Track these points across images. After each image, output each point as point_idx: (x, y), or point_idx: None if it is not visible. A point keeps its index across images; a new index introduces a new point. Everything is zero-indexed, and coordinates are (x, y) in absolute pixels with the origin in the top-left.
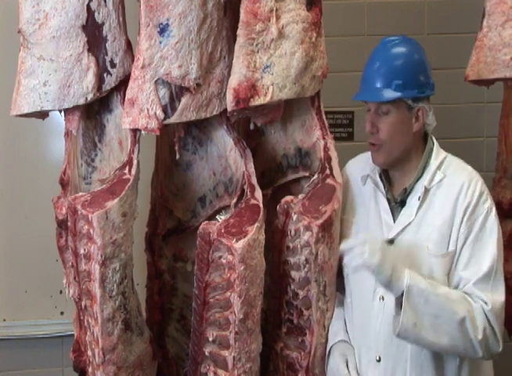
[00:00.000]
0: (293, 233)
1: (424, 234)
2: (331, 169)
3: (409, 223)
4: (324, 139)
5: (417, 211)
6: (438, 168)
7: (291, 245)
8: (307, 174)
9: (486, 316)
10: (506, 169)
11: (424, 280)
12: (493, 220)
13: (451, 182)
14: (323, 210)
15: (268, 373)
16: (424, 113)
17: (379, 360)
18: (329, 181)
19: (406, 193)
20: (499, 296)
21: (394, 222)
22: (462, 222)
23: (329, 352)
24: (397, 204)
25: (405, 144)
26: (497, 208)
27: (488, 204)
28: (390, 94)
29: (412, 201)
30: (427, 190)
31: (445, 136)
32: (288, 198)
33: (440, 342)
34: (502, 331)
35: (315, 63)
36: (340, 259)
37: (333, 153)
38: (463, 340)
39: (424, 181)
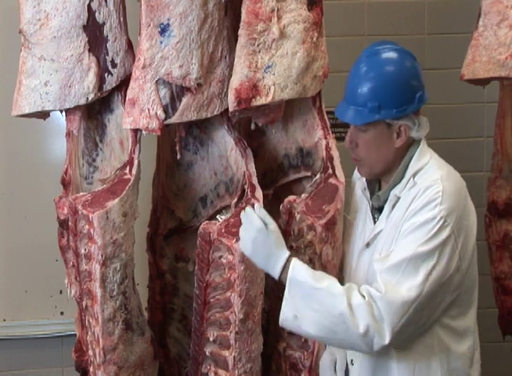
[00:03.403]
0: (296, 232)
1: (385, 242)
2: (333, 169)
3: (380, 231)
4: (326, 138)
5: (386, 220)
6: (414, 175)
7: (294, 245)
8: (309, 174)
9: (374, 306)
10: (501, 169)
11: (307, 272)
12: (430, 229)
13: (415, 189)
14: (326, 209)
15: (270, 373)
16: (407, 130)
17: (352, 363)
18: (331, 180)
19: (380, 200)
20: (404, 291)
21: None
22: (403, 226)
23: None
24: (376, 210)
25: (387, 159)
26: (492, 208)
27: (433, 213)
28: (363, 116)
29: (386, 209)
30: (398, 199)
31: (445, 136)
32: (291, 198)
33: (322, 336)
34: (397, 324)
35: (316, 62)
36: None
37: (335, 153)
38: (345, 334)
39: (396, 189)
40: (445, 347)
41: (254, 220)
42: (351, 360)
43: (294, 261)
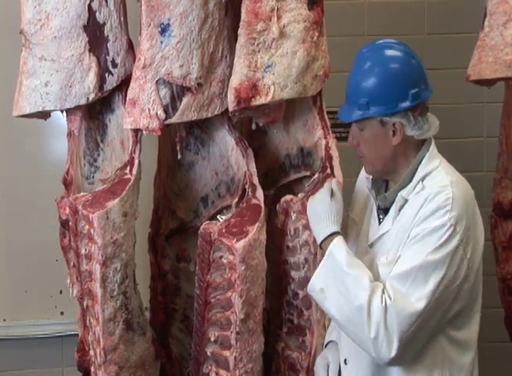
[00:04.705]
0: (292, 232)
1: (390, 245)
2: (332, 168)
3: (385, 232)
4: (326, 138)
5: (393, 222)
6: (422, 179)
7: (291, 244)
8: (308, 173)
9: (388, 313)
10: (507, 170)
11: (345, 253)
12: (440, 237)
13: (424, 194)
14: None
15: (271, 373)
16: (401, 127)
17: (346, 363)
18: (330, 180)
19: (387, 201)
20: (413, 301)
21: None
22: (411, 232)
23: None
24: (381, 210)
25: (386, 157)
26: (498, 209)
27: (442, 220)
28: (354, 114)
29: (392, 211)
30: (406, 201)
31: (445, 136)
32: (288, 197)
33: (340, 320)
34: (405, 333)
35: (316, 62)
36: None
37: (335, 153)
38: (359, 328)
39: (404, 191)
40: (448, 358)
41: (324, 188)
42: (345, 360)
43: (339, 238)
